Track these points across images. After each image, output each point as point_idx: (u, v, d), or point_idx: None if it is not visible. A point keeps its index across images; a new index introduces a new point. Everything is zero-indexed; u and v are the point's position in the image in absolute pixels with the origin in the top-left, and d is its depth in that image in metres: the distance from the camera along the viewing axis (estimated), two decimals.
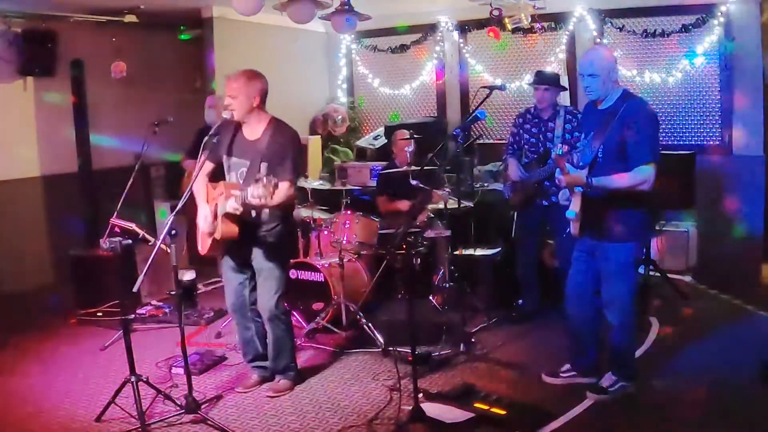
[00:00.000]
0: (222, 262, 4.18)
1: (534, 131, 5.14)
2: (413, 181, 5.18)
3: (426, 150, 5.50)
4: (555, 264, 5.32)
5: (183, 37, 7.43)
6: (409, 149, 5.62)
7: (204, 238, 3.98)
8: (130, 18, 6.73)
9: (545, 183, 5.00)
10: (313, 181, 6.07)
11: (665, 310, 5.31)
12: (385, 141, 7.36)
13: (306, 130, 7.89)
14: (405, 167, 5.53)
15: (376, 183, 6.35)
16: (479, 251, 5.72)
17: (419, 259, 5.42)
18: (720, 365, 4.22)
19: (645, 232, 3.96)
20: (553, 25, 6.91)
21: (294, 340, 4.24)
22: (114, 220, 5.21)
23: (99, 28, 6.82)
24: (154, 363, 4.55)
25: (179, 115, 6.20)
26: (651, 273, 5.67)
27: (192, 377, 3.75)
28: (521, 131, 5.23)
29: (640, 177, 3.56)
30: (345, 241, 5.07)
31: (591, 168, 3.69)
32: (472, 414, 3.66)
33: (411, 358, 3.78)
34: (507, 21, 6.60)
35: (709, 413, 3.62)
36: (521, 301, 5.38)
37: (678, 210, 6.04)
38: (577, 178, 3.65)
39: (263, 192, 3.44)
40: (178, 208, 3.71)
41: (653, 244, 5.98)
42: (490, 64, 7.37)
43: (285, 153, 3.83)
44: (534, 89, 5.14)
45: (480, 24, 7.18)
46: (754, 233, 5.93)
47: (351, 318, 5.00)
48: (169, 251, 3.61)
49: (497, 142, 7.20)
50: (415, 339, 3.83)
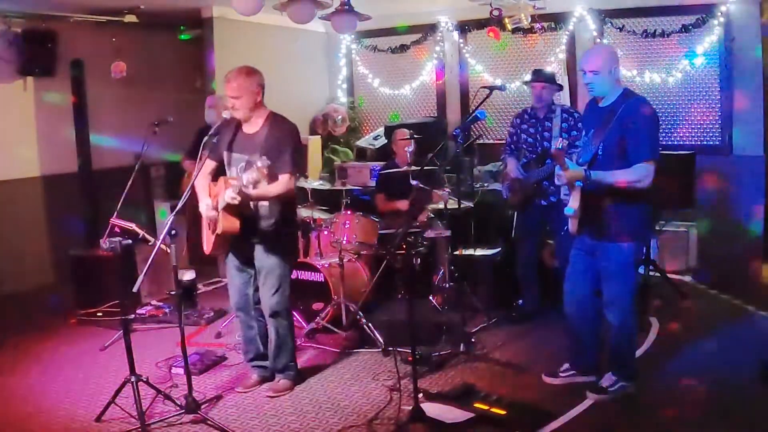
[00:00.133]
0: (226, 261, 4.19)
1: (531, 131, 5.14)
2: (413, 181, 5.18)
3: (426, 150, 5.50)
4: (555, 264, 5.31)
5: (183, 37, 7.43)
6: (409, 149, 5.62)
7: (208, 237, 3.98)
8: (130, 18, 6.74)
9: (544, 183, 5.00)
10: (313, 181, 6.07)
11: (665, 310, 5.31)
12: (385, 141, 7.36)
13: (306, 130, 7.88)
14: (405, 167, 5.54)
15: (375, 181, 6.35)
16: (479, 251, 5.72)
17: (419, 259, 5.42)
18: (720, 365, 4.21)
19: (645, 231, 3.96)
20: (553, 25, 6.91)
21: (295, 339, 4.24)
22: (114, 220, 5.22)
23: (99, 28, 6.82)
24: (154, 363, 4.54)
25: (179, 115, 6.20)
26: (651, 273, 5.67)
27: (192, 377, 3.75)
28: (519, 131, 5.23)
29: (638, 174, 3.56)
30: (345, 241, 5.07)
31: (591, 165, 3.69)
32: (472, 414, 3.66)
33: (411, 358, 3.78)
34: (507, 21, 6.61)
35: (709, 413, 3.62)
36: (521, 301, 5.38)
37: (678, 210, 6.04)
38: (576, 173, 3.64)
39: (257, 175, 3.47)
40: (178, 208, 3.72)
41: (653, 244, 5.98)
42: (490, 64, 7.37)
43: (283, 146, 3.84)
44: (531, 87, 5.14)
45: (480, 24, 7.19)
46: (754, 233, 5.93)
47: (351, 318, 4.99)
48: (169, 251, 3.61)
49: (497, 142, 7.20)
50: (415, 339, 3.83)
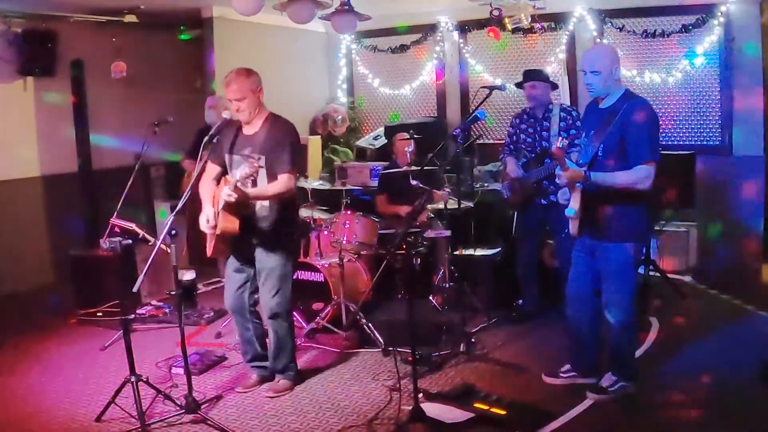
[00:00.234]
0: (226, 262, 4.18)
1: (530, 131, 5.14)
2: (413, 181, 5.18)
3: (426, 150, 5.50)
4: (555, 264, 5.32)
5: (183, 37, 7.43)
6: (409, 149, 5.63)
7: (209, 239, 3.98)
8: (130, 18, 6.74)
9: (544, 182, 5.00)
10: (313, 181, 6.06)
11: (665, 310, 5.31)
12: (385, 141, 7.36)
13: (306, 130, 7.89)
14: (405, 167, 5.54)
15: (377, 182, 6.35)
16: (479, 251, 5.72)
17: (419, 259, 5.43)
18: (720, 365, 4.21)
19: (645, 231, 3.96)
20: (553, 25, 6.91)
21: (294, 340, 4.23)
22: (114, 220, 5.22)
23: (99, 28, 6.82)
24: (154, 363, 4.54)
25: (179, 115, 6.21)
26: (651, 273, 5.67)
27: (192, 377, 3.75)
28: (518, 131, 5.23)
29: (639, 175, 3.56)
30: (345, 241, 5.07)
31: (591, 166, 3.69)
32: (472, 414, 3.66)
33: (411, 358, 3.78)
34: (507, 21, 6.61)
35: (709, 413, 3.62)
36: (521, 301, 5.38)
37: (678, 210, 6.04)
38: (576, 173, 3.64)
39: (249, 170, 3.57)
40: (178, 208, 3.71)
41: (653, 244, 5.98)
42: (490, 64, 7.37)
43: (282, 145, 3.85)
44: (523, 89, 5.15)
45: (480, 24, 7.19)
46: (754, 233, 5.93)
47: (351, 318, 4.99)
48: (169, 251, 3.61)
49: (497, 142, 7.19)
50: (415, 339, 3.82)
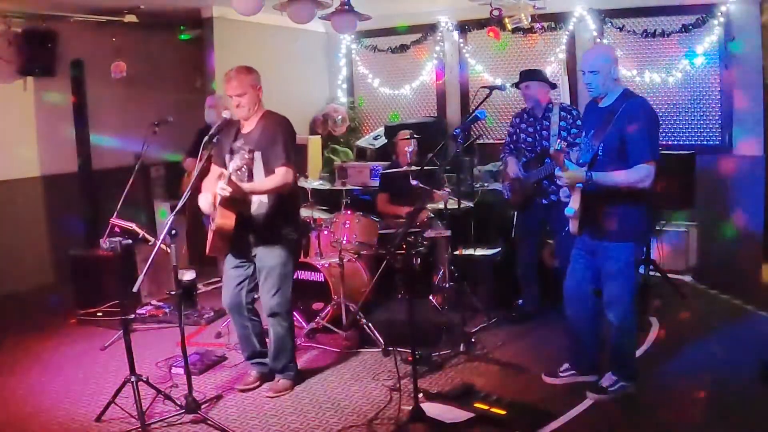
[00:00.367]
0: (224, 260, 4.18)
1: (530, 130, 5.13)
2: (413, 181, 5.18)
3: (426, 150, 5.50)
4: (555, 264, 5.31)
5: (183, 37, 7.43)
6: (409, 149, 5.62)
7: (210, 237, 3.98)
8: (130, 18, 6.74)
9: (544, 182, 5.00)
10: (313, 181, 6.06)
11: (665, 310, 5.31)
12: (385, 141, 7.36)
13: (306, 130, 7.89)
14: (406, 167, 5.54)
15: (378, 181, 6.35)
16: (479, 251, 5.72)
17: (419, 259, 5.42)
18: (720, 365, 4.21)
19: (645, 231, 3.96)
20: (553, 25, 6.90)
21: (294, 340, 4.24)
22: (114, 220, 5.22)
23: (99, 28, 6.82)
24: (154, 363, 4.55)
25: (179, 115, 6.21)
26: (651, 273, 5.67)
27: (192, 377, 3.75)
28: (518, 131, 5.23)
29: (639, 175, 3.56)
30: (345, 241, 5.07)
31: (591, 166, 3.69)
32: (472, 414, 3.66)
33: (411, 358, 3.78)
34: (507, 21, 6.60)
35: (709, 413, 3.62)
36: (521, 301, 5.38)
37: (678, 210, 6.04)
38: (576, 174, 3.65)
39: (240, 161, 3.65)
40: (178, 208, 3.71)
41: (653, 244, 5.98)
42: (490, 64, 7.37)
43: (275, 139, 3.86)
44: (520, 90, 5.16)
45: (480, 24, 7.19)
46: (754, 233, 5.93)
47: (351, 318, 4.99)
48: (169, 251, 3.61)
49: (497, 142, 7.18)
50: (415, 339, 3.83)
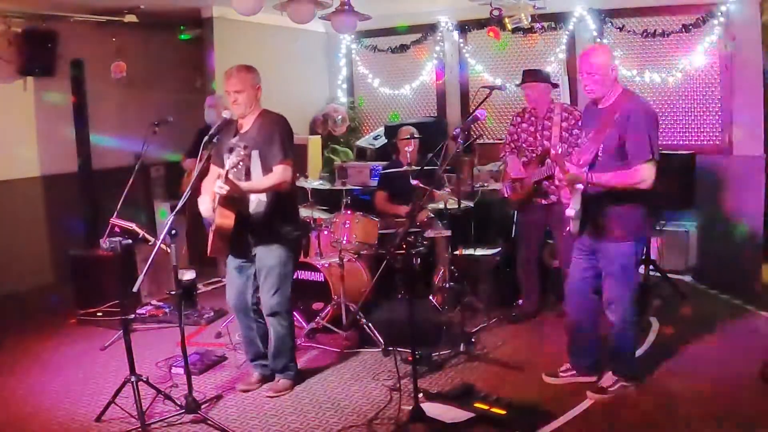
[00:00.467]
0: (226, 261, 4.19)
1: (531, 130, 5.13)
2: (413, 181, 5.18)
3: (426, 150, 5.50)
4: (555, 264, 5.32)
5: (183, 37, 7.43)
6: (409, 149, 5.62)
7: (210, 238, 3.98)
8: (130, 18, 6.74)
9: (544, 182, 5.00)
10: (313, 181, 6.06)
11: (665, 310, 5.31)
12: (385, 141, 7.36)
13: (306, 130, 7.88)
14: (406, 167, 5.54)
15: (378, 180, 6.34)
16: (479, 251, 5.72)
17: (419, 259, 5.42)
18: (720, 365, 4.22)
19: (645, 231, 3.96)
20: (553, 25, 6.90)
21: (294, 340, 4.24)
22: (114, 220, 5.21)
23: (99, 28, 6.82)
24: (154, 363, 4.54)
25: (179, 115, 6.21)
26: (651, 273, 5.67)
27: (192, 377, 3.75)
28: (519, 130, 5.22)
29: (639, 175, 3.56)
30: (345, 241, 5.07)
31: (591, 167, 3.69)
32: (472, 414, 3.66)
33: (411, 358, 3.78)
34: (507, 21, 6.60)
35: (709, 413, 3.62)
36: (521, 301, 5.39)
37: (678, 210, 6.04)
38: (576, 175, 3.65)
39: (235, 158, 3.63)
40: (178, 208, 3.71)
41: (653, 243, 5.98)
42: (490, 64, 7.37)
43: (272, 137, 3.87)
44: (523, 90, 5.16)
45: (480, 24, 7.19)
46: (754, 233, 5.93)
47: (351, 318, 4.99)
48: (169, 251, 3.61)
49: (497, 142, 7.17)
50: (415, 339, 3.83)
